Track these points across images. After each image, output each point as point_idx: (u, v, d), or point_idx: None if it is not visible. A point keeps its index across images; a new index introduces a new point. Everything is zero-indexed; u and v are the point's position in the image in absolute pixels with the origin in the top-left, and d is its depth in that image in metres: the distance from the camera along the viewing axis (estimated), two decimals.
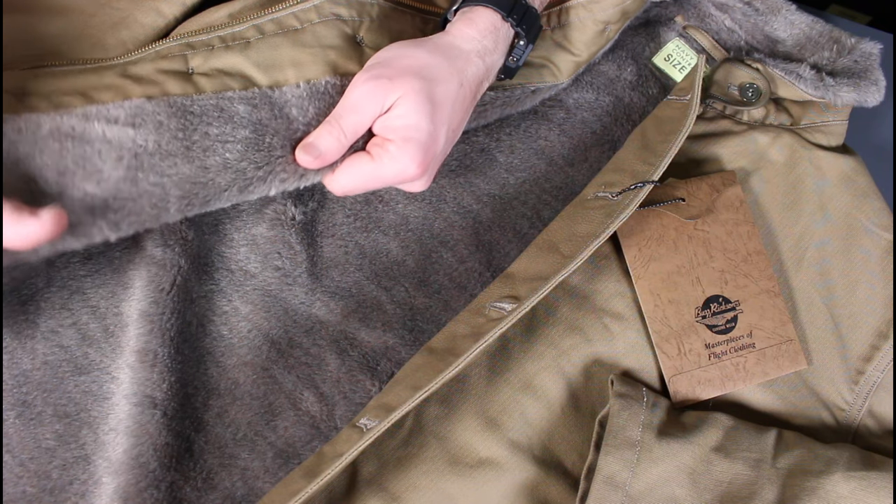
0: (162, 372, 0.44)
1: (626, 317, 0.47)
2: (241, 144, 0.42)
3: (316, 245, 0.50)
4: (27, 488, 0.43)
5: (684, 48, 0.56)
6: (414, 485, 0.43)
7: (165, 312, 0.45)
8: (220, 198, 0.43)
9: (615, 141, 0.54)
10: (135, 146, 0.41)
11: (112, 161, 0.41)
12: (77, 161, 0.41)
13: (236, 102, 0.43)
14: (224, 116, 0.43)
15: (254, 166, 0.43)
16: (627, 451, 0.42)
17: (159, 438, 0.44)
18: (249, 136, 0.43)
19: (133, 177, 0.41)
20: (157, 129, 0.42)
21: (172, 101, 0.43)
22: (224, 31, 0.44)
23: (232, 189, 0.43)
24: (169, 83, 0.43)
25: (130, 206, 0.41)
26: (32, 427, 0.44)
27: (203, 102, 0.43)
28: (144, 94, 0.43)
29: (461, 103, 0.44)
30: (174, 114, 0.42)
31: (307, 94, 0.43)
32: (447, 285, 0.50)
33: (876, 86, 0.51)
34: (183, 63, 0.44)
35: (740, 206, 0.49)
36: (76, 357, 0.45)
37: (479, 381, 0.45)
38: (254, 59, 0.44)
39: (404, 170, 0.42)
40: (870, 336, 0.49)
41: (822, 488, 0.42)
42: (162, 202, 0.42)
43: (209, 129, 0.42)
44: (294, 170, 0.43)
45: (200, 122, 0.42)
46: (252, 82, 0.44)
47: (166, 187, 0.42)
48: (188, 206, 0.42)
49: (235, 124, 0.43)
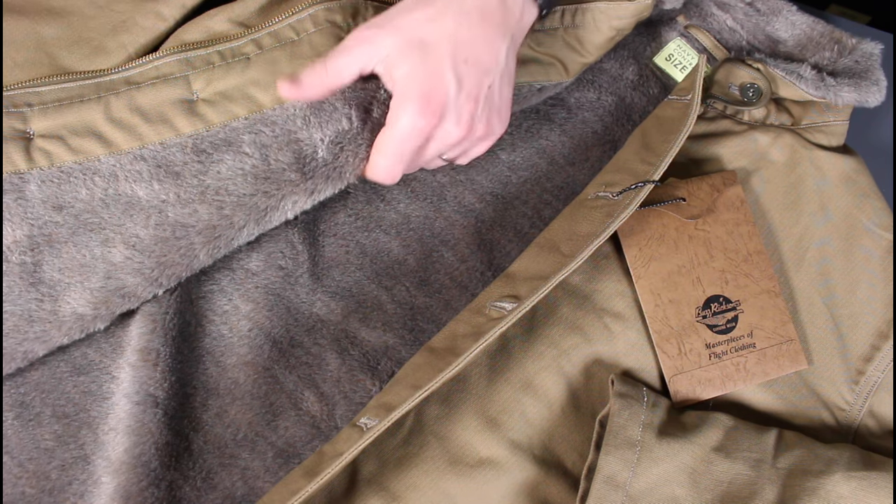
0: (164, 371, 0.45)
1: (627, 316, 0.47)
2: (251, 176, 0.43)
3: (318, 244, 0.50)
4: (26, 489, 0.43)
5: (685, 48, 0.56)
6: (414, 484, 0.43)
7: (168, 312, 0.45)
8: (241, 234, 0.44)
9: (616, 141, 0.54)
10: (159, 202, 0.43)
11: (143, 221, 0.43)
12: (115, 229, 0.43)
13: (241, 133, 0.44)
14: (233, 150, 0.44)
15: (265, 196, 0.43)
16: (628, 450, 0.42)
17: (160, 437, 0.44)
18: (258, 164, 0.43)
19: (162, 235, 0.43)
20: (175, 179, 0.43)
21: (184, 142, 0.44)
22: (223, 46, 0.45)
23: (249, 223, 0.44)
24: (178, 120, 0.44)
25: (164, 260, 0.43)
26: (31, 428, 0.44)
27: (213, 138, 0.44)
28: (159, 139, 0.44)
29: (468, 32, 0.41)
30: (188, 159, 0.44)
31: (308, 105, 0.44)
32: (448, 285, 0.50)
33: (877, 86, 0.51)
34: (186, 88, 0.44)
35: (741, 205, 0.49)
36: (74, 357, 0.45)
37: (479, 380, 0.45)
38: (255, 79, 0.44)
39: (413, 122, 0.41)
40: (870, 336, 0.49)
41: (822, 488, 0.42)
42: (189, 251, 0.43)
43: (220, 167, 0.44)
44: (304, 189, 0.44)
45: (211, 161, 0.44)
46: (256, 103, 0.44)
47: (191, 236, 0.43)
48: (215, 250, 0.44)
49: (244, 155, 0.43)
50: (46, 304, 0.42)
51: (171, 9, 0.46)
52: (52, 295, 0.42)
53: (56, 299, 0.42)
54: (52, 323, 0.42)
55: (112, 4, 0.46)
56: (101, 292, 0.42)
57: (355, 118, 0.44)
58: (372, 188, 0.51)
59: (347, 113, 0.44)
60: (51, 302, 0.42)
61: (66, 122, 0.43)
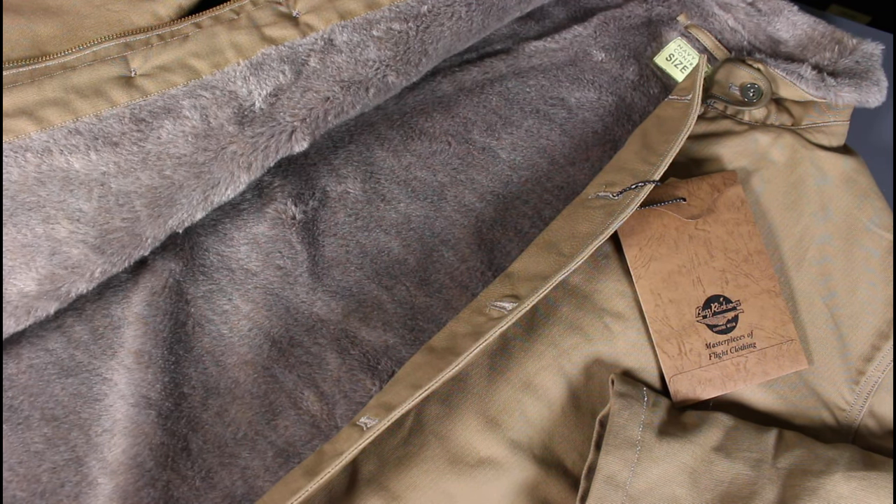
0: (155, 372, 0.45)
1: (627, 316, 0.47)
2: (191, 136, 0.43)
3: (317, 244, 0.50)
4: (17, 493, 0.43)
5: (686, 48, 0.56)
6: (414, 484, 0.43)
7: (158, 314, 0.45)
8: (181, 193, 0.43)
9: (616, 141, 0.54)
10: (99, 175, 0.42)
11: (85, 195, 0.42)
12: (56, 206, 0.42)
13: (181, 99, 0.43)
14: (172, 115, 0.43)
15: (204, 152, 0.43)
16: (628, 450, 0.42)
17: (155, 438, 0.44)
18: (197, 125, 0.43)
19: (105, 206, 0.42)
20: (113, 149, 0.42)
21: (121, 112, 0.43)
22: (163, 31, 0.45)
23: (189, 180, 0.43)
24: (114, 93, 0.43)
25: (106, 227, 0.42)
26: (20, 431, 0.44)
27: (151, 106, 0.43)
28: (94, 111, 0.43)
29: None
30: (126, 129, 0.43)
31: (247, 67, 0.44)
32: (448, 284, 0.50)
33: (878, 86, 0.51)
34: (124, 66, 0.44)
35: (741, 205, 0.49)
36: (62, 359, 0.45)
37: (479, 380, 0.45)
38: (193, 50, 0.44)
39: None
40: (871, 336, 0.49)
41: (822, 488, 0.42)
42: (131, 214, 0.42)
43: (161, 132, 0.43)
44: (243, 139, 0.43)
45: (151, 128, 0.43)
46: (195, 71, 0.44)
47: (132, 201, 0.42)
48: (156, 211, 0.43)
49: (184, 119, 0.43)
50: None
51: (167, 9, 0.46)
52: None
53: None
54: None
55: (108, 4, 0.46)
56: (46, 268, 0.41)
57: (288, 72, 0.44)
58: (372, 188, 0.51)
59: (283, 68, 0.44)
60: None
61: None
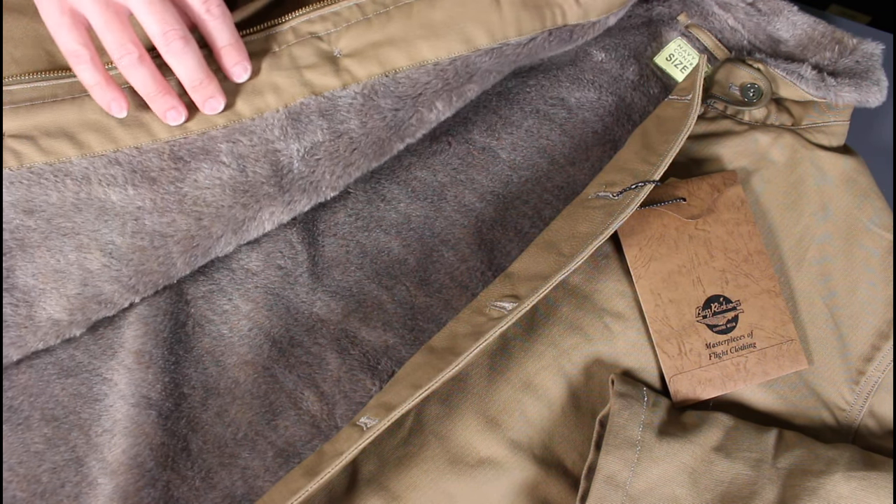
0: (156, 373, 0.45)
1: (627, 316, 0.47)
2: (228, 188, 0.43)
3: (317, 244, 0.50)
4: (17, 493, 0.43)
5: (686, 48, 0.56)
6: (414, 484, 0.43)
7: (158, 314, 0.45)
8: (218, 245, 0.44)
9: (616, 141, 0.54)
10: (135, 209, 0.42)
11: (119, 228, 0.42)
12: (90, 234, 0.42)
13: (219, 142, 0.43)
14: (210, 158, 0.43)
15: (243, 208, 0.43)
16: (628, 450, 0.42)
17: (155, 438, 0.44)
18: (235, 175, 0.43)
19: (139, 244, 0.42)
20: (151, 185, 0.43)
21: (161, 148, 0.43)
22: None
23: (227, 234, 0.44)
24: (155, 125, 0.43)
25: (142, 269, 0.43)
26: (20, 432, 0.43)
27: (190, 146, 0.43)
28: (135, 143, 0.43)
29: None
30: (164, 165, 0.43)
31: (286, 117, 0.44)
32: (448, 284, 0.50)
33: (878, 86, 0.51)
34: None
35: (741, 205, 0.49)
36: (62, 359, 0.45)
37: (479, 380, 0.45)
38: (233, 88, 0.44)
39: None
40: (871, 336, 0.49)
41: (822, 488, 0.42)
42: (167, 260, 0.43)
43: (198, 175, 0.43)
44: (281, 202, 0.44)
45: (189, 168, 0.43)
46: (235, 113, 0.44)
47: (169, 246, 0.43)
48: (192, 259, 0.44)
49: (221, 164, 0.43)
50: (22, 309, 0.42)
51: None
52: (27, 301, 0.42)
53: (31, 305, 0.42)
54: (27, 328, 0.42)
55: None
56: (78, 299, 0.42)
57: (326, 130, 0.44)
58: (372, 188, 0.51)
59: (321, 124, 0.44)
60: (26, 307, 0.42)
61: (38, 123, 0.43)
